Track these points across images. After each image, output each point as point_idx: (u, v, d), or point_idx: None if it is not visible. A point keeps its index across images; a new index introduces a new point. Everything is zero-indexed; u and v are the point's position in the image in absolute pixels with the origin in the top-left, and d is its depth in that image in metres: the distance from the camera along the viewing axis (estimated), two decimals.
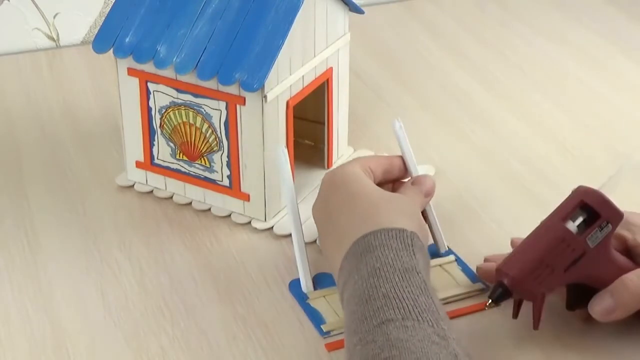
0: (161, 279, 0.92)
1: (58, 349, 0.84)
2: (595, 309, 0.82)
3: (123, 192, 1.04)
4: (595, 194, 0.82)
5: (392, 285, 0.76)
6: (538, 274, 0.80)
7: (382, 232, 0.81)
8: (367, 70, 1.27)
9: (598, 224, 0.81)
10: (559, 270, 0.80)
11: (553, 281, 0.81)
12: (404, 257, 0.79)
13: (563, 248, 0.80)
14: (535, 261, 0.80)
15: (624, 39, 1.37)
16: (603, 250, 0.81)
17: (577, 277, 0.81)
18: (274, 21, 0.92)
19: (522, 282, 0.81)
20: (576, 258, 0.81)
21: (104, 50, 0.97)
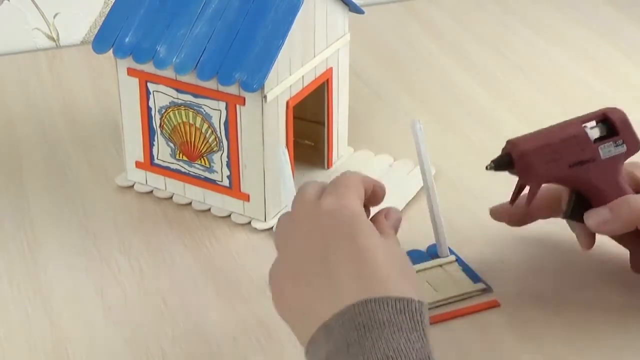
0: (161, 279, 0.92)
1: (58, 349, 0.84)
2: (591, 217, 0.85)
3: (123, 192, 1.04)
4: (620, 113, 0.87)
5: None
6: (544, 156, 0.84)
7: (387, 301, 0.67)
8: (367, 70, 1.27)
9: (614, 139, 0.85)
10: (564, 163, 0.84)
11: (555, 170, 0.84)
12: (417, 344, 0.65)
13: (574, 144, 0.85)
14: (546, 144, 0.84)
15: (624, 39, 1.37)
16: (612, 168, 0.85)
17: (580, 180, 0.85)
18: (273, 21, 0.92)
19: (527, 158, 0.84)
20: (584, 160, 0.85)
21: (104, 50, 0.97)
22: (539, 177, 0.85)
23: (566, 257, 0.94)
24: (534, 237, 0.97)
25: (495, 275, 0.92)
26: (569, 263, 0.93)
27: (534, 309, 0.87)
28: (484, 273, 0.92)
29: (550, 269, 0.93)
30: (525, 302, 0.88)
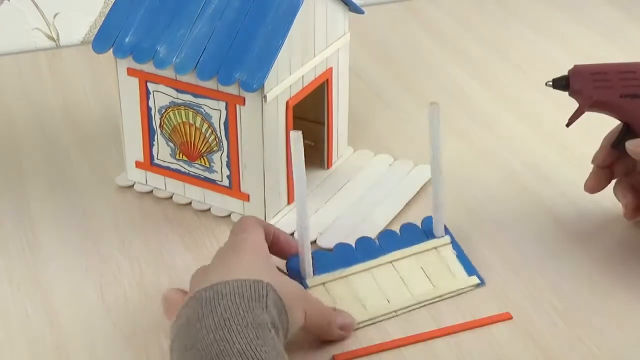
0: (161, 279, 0.92)
1: (58, 349, 0.84)
2: (632, 143, 0.90)
3: (123, 192, 1.04)
4: None
5: (248, 342, 0.71)
6: (598, 80, 0.91)
7: (235, 281, 0.76)
8: (367, 70, 1.27)
9: None
10: (616, 91, 0.91)
11: (606, 95, 0.91)
12: (256, 309, 0.74)
13: (630, 78, 0.90)
14: (603, 71, 0.91)
15: (624, 38, 1.37)
16: None
17: (628, 112, 0.91)
18: (273, 21, 0.92)
19: (581, 77, 0.92)
20: (636, 94, 0.90)
21: (104, 50, 0.97)
22: (588, 98, 0.91)
23: (577, 265, 0.94)
24: (536, 238, 0.97)
25: (499, 280, 0.92)
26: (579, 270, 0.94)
27: (544, 321, 0.87)
28: (486, 276, 0.92)
29: (555, 273, 0.93)
30: (535, 314, 0.88)
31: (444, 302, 0.89)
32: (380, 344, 0.84)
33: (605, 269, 0.93)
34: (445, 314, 0.87)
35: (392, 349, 0.84)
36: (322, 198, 1.01)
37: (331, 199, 1.01)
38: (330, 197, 1.02)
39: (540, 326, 0.86)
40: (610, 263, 0.94)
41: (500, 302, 0.89)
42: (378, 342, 0.85)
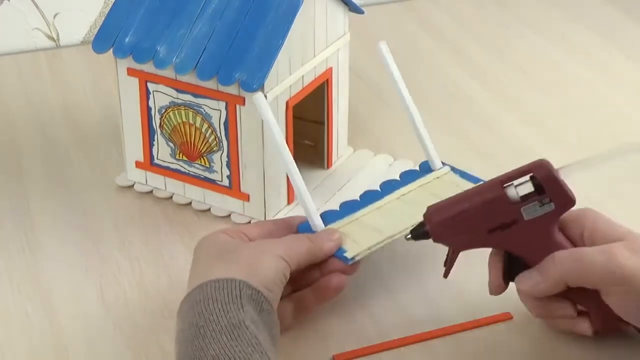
0: (161, 279, 0.92)
1: (58, 349, 0.84)
2: (521, 281, 0.81)
3: (123, 192, 1.04)
4: (546, 170, 0.79)
5: (221, 346, 0.71)
6: (458, 226, 0.80)
7: (208, 284, 0.77)
8: (367, 70, 1.27)
9: (539, 198, 0.79)
10: (482, 229, 0.80)
11: (474, 238, 0.80)
12: (231, 311, 0.74)
13: (491, 209, 0.79)
14: (460, 213, 0.80)
15: (624, 39, 1.37)
16: (541, 227, 0.79)
17: (504, 244, 0.81)
18: (273, 21, 0.92)
19: (440, 229, 0.81)
20: (505, 224, 0.79)
21: (104, 50, 0.97)
22: (455, 246, 0.82)
23: None
24: None
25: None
26: None
27: (543, 319, 0.87)
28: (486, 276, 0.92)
29: None
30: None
31: (443, 302, 0.89)
32: (380, 344, 0.84)
33: None
34: (445, 314, 0.87)
35: (392, 348, 0.84)
36: (322, 198, 1.01)
37: (331, 199, 1.01)
38: (330, 197, 1.02)
39: (540, 326, 0.86)
40: None
41: (500, 302, 0.89)
42: (378, 342, 0.85)
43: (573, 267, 0.78)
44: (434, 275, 0.92)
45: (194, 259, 0.83)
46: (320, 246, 0.85)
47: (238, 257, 0.80)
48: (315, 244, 0.84)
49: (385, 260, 0.94)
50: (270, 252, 0.81)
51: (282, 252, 0.81)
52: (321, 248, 0.85)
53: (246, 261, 0.80)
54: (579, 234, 0.81)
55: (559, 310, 0.82)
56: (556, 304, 0.82)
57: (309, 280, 0.85)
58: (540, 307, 0.83)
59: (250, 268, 0.79)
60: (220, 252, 0.82)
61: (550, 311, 0.83)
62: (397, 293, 0.90)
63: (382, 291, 0.90)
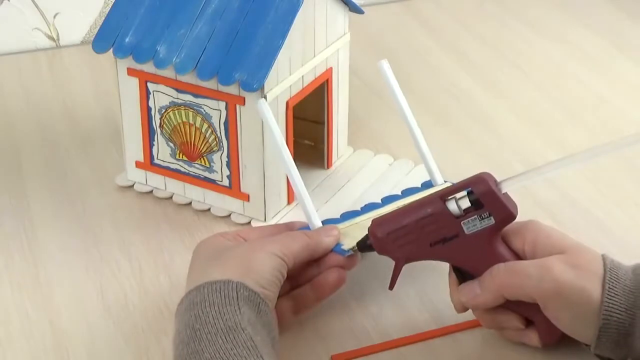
0: (161, 279, 0.92)
1: (58, 349, 0.84)
2: (462, 292, 0.82)
3: (123, 192, 1.04)
4: (484, 185, 0.79)
5: (216, 349, 0.71)
6: (401, 239, 0.81)
7: (205, 286, 0.77)
8: (367, 70, 1.27)
9: (479, 213, 0.79)
10: (424, 243, 0.81)
11: (416, 252, 0.81)
12: (227, 314, 0.74)
13: (432, 222, 0.80)
14: (402, 227, 0.81)
15: (624, 38, 1.37)
16: (483, 241, 0.80)
17: (447, 257, 0.81)
18: (273, 21, 0.92)
19: (382, 243, 0.82)
20: (446, 237, 0.80)
21: (104, 50, 0.97)
22: (398, 259, 0.83)
23: None
24: None
25: None
26: None
27: None
28: None
29: None
30: None
31: (443, 303, 0.88)
32: (380, 344, 0.84)
33: None
34: (445, 314, 0.87)
35: (392, 348, 0.84)
36: (322, 198, 1.01)
37: (331, 199, 1.01)
38: (330, 197, 1.02)
39: None
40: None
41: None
42: (377, 342, 0.85)
43: (508, 280, 0.79)
44: (433, 275, 0.92)
45: (191, 262, 0.83)
46: (318, 241, 0.84)
47: (233, 257, 0.80)
48: (313, 240, 0.84)
49: (385, 260, 0.94)
50: (265, 251, 0.80)
51: (278, 249, 0.81)
52: (319, 243, 0.84)
53: (241, 260, 0.79)
54: (521, 246, 0.81)
55: (506, 323, 0.82)
56: (502, 316, 0.82)
57: (308, 277, 0.85)
58: (488, 319, 0.83)
59: (246, 267, 0.79)
60: (216, 254, 0.82)
61: (498, 323, 0.83)
62: (397, 293, 0.90)
63: (382, 291, 0.90)
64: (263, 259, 0.80)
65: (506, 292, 0.79)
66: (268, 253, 0.80)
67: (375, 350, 0.84)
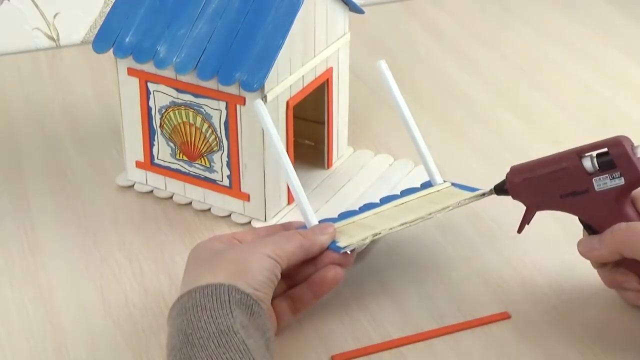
0: (161, 279, 0.92)
1: (58, 349, 0.84)
2: (580, 245, 0.85)
3: (123, 192, 1.04)
4: (620, 147, 0.83)
5: (209, 354, 0.71)
6: (534, 187, 0.86)
7: (197, 290, 0.76)
8: (367, 70, 1.27)
9: (610, 172, 0.83)
10: (555, 194, 0.86)
11: (547, 201, 0.86)
12: (219, 318, 0.74)
13: (565, 176, 0.85)
14: (537, 177, 0.86)
15: (623, 39, 1.37)
16: (610, 199, 0.84)
17: (575, 210, 0.86)
18: (274, 21, 0.92)
19: (518, 188, 0.88)
20: (576, 191, 0.85)
21: (104, 50, 0.97)
22: (530, 205, 0.88)
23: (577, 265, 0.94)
24: (536, 237, 0.97)
25: (499, 279, 0.92)
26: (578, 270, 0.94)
27: (544, 320, 0.87)
28: (486, 276, 0.92)
29: (555, 273, 0.93)
30: (535, 313, 0.88)
31: (443, 302, 0.89)
32: (380, 344, 0.84)
33: None
34: (445, 314, 0.88)
35: (392, 348, 0.84)
36: (322, 198, 1.01)
37: (331, 199, 1.01)
38: (330, 197, 1.02)
39: (540, 326, 0.86)
40: None
41: (500, 301, 0.89)
42: (377, 342, 0.85)
43: (628, 238, 0.82)
44: (434, 275, 0.92)
45: (185, 266, 0.83)
46: (312, 240, 0.84)
47: (225, 260, 0.80)
48: (307, 239, 0.83)
49: (385, 260, 0.94)
50: (257, 252, 0.80)
51: (270, 250, 0.80)
52: (314, 242, 0.83)
53: (233, 263, 0.79)
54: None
55: (625, 283, 0.85)
56: (622, 276, 0.85)
57: (305, 275, 0.84)
58: (609, 278, 0.86)
59: (238, 270, 0.78)
60: (209, 257, 0.81)
61: (618, 283, 0.86)
62: (396, 293, 0.90)
63: (381, 291, 0.90)
64: (255, 261, 0.79)
65: (624, 250, 0.82)
66: (260, 254, 0.80)
67: (375, 350, 0.84)
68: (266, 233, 0.87)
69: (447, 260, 0.94)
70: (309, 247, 0.83)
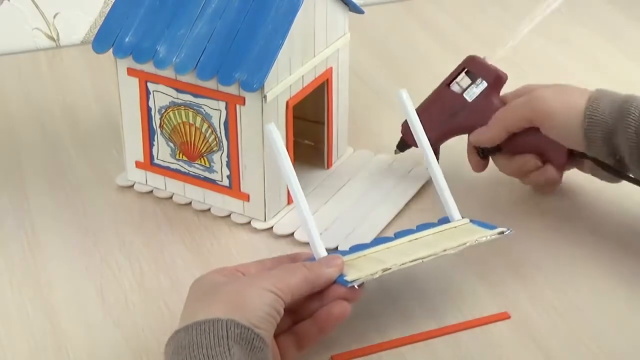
0: (161, 279, 0.92)
1: (58, 349, 0.84)
2: (473, 134, 1.00)
3: (123, 192, 1.04)
4: (473, 60, 1.02)
5: None
6: (427, 125, 0.96)
7: (193, 326, 0.72)
8: (367, 70, 1.27)
9: (474, 81, 1.01)
10: (444, 120, 1.01)
11: (441, 131, 1.01)
12: (217, 356, 0.70)
13: (444, 103, 1.02)
14: (425, 115, 0.97)
15: (624, 39, 1.37)
16: (483, 103, 1.00)
17: (464, 127, 1.01)
18: (274, 21, 0.92)
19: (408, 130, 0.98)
20: (457, 111, 1.01)
21: (104, 50, 0.97)
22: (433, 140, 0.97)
23: (577, 266, 0.94)
24: (536, 238, 0.97)
25: (499, 279, 0.92)
26: (578, 270, 0.94)
27: (544, 320, 0.87)
28: (486, 276, 0.92)
29: (555, 273, 0.93)
30: (535, 313, 0.88)
31: (443, 302, 0.89)
32: (380, 344, 0.84)
33: (605, 268, 0.93)
34: (445, 314, 0.88)
35: (392, 348, 0.84)
36: (322, 198, 1.01)
37: (331, 199, 1.01)
38: (330, 197, 1.02)
39: (540, 326, 0.86)
40: (611, 263, 0.94)
41: (500, 301, 0.89)
42: (378, 342, 0.85)
43: (505, 114, 0.97)
44: (433, 276, 0.92)
45: (185, 300, 0.80)
46: (318, 274, 0.80)
47: (224, 294, 0.76)
48: (313, 272, 0.79)
49: None
50: (257, 286, 0.76)
51: (271, 284, 0.76)
52: (320, 275, 0.80)
53: (230, 298, 0.75)
54: None
55: (525, 165, 0.98)
56: (521, 159, 0.97)
57: (310, 310, 0.81)
58: (509, 165, 0.99)
59: (236, 304, 0.74)
60: (210, 290, 0.78)
61: (519, 167, 0.98)
62: (397, 293, 0.90)
63: (381, 291, 0.90)
64: (255, 296, 0.75)
65: (507, 124, 0.97)
66: (260, 289, 0.76)
67: (375, 350, 0.84)
68: (272, 264, 0.83)
69: (447, 260, 0.94)
70: (315, 280, 0.79)
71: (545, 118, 0.95)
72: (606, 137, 0.91)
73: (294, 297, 0.77)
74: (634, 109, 0.90)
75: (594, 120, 0.91)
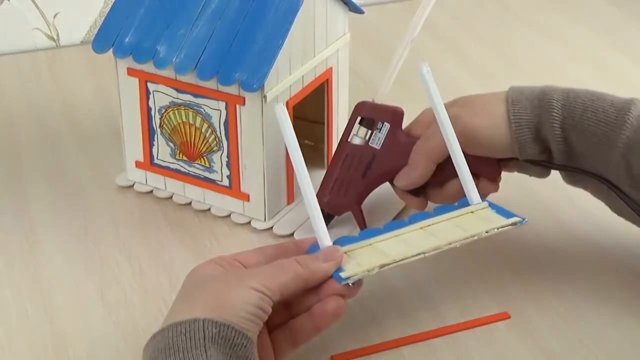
0: (161, 279, 0.92)
1: (58, 349, 0.84)
2: (398, 179, 0.93)
3: (123, 192, 1.04)
4: (365, 105, 0.95)
5: None
6: (342, 190, 0.93)
7: (170, 329, 0.70)
8: (367, 70, 1.27)
9: (375, 127, 0.94)
10: (357, 179, 0.94)
11: (358, 190, 0.94)
12: (194, 358, 0.68)
13: (351, 160, 0.94)
14: (334, 181, 0.94)
15: (624, 38, 1.37)
16: (393, 144, 0.93)
17: (380, 177, 0.94)
18: (273, 21, 0.92)
19: (334, 205, 0.94)
20: (369, 162, 0.93)
21: (104, 50, 0.97)
22: (351, 206, 0.94)
23: (577, 266, 0.94)
24: (536, 238, 0.97)
25: (499, 280, 0.92)
26: (578, 270, 0.94)
27: (544, 320, 0.87)
28: (485, 277, 0.92)
29: (555, 273, 0.93)
30: (535, 313, 0.88)
31: (443, 302, 0.89)
32: (380, 344, 0.84)
33: (605, 268, 0.93)
34: (445, 314, 0.88)
35: (392, 348, 0.84)
36: None
37: None
38: None
39: (540, 326, 0.86)
40: (610, 263, 0.94)
41: (500, 302, 0.89)
42: (378, 342, 0.85)
43: (425, 146, 0.91)
44: (433, 276, 0.92)
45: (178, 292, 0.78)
46: (312, 269, 0.77)
47: (205, 292, 0.74)
48: (307, 268, 0.77)
49: None
50: (242, 285, 0.73)
51: (257, 283, 0.73)
52: (313, 271, 0.77)
53: (212, 296, 0.73)
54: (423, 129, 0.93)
55: (459, 190, 0.90)
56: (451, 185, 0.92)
57: (306, 305, 0.78)
58: (442, 195, 0.92)
59: (216, 304, 0.72)
60: (195, 288, 0.75)
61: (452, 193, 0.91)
62: (396, 293, 0.90)
63: (382, 291, 0.90)
64: (238, 294, 0.72)
65: (432, 155, 0.90)
66: (245, 287, 0.73)
67: (375, 350, 0.84)
68: (273, 252, 0.80)
69: (447, 260, 0.94)
70: (308, 276, 0.77)
71: (471, 138, 0.89)
72: (535, 135, 0.88)
73: (283, 295, 0.75)
74: (555, 102, 0.87)
75: (521, 124, 0.88)
